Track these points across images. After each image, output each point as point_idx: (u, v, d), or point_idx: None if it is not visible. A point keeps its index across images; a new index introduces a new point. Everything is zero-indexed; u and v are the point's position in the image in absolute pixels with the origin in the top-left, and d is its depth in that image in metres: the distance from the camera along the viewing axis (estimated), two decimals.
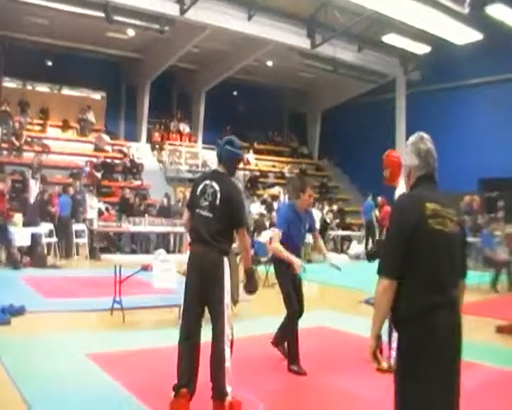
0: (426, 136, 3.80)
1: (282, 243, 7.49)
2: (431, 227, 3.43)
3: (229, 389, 5.67)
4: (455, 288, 3.55)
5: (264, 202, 26.29)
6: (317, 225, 24.74)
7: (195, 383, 5.73)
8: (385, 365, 7.01)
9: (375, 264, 3.63)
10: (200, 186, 5.92)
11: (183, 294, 5.90)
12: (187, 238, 8.65)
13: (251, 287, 6.29)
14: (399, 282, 3.43)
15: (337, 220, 27.12)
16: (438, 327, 3.38)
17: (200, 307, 5.83)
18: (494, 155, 25.63)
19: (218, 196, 5.78)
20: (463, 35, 23.78)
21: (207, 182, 5.91)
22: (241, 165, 23.60)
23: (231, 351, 5.83)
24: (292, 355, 7.43)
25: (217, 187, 5.82)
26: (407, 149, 3.80)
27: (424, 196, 3.57)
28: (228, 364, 5.70)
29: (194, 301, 5.80)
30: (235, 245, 6.58)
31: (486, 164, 25.38)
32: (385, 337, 7.26)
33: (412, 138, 3.82)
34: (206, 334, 5.80)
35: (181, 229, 21.05)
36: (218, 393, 5.67)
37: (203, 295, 5.77)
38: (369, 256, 7.49)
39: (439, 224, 3.46)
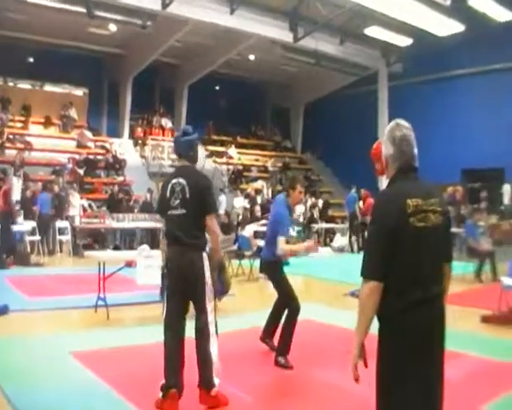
0: (402, 122, 3.65)
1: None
2: (413, 225, 3.34)
3: (216, 381, 5.73)
4: (437, 283, 3.47)
5: (247, 196, 26.29)
6: (301, 219, 24.91)
7: (183, 382, 5.73)
8: None
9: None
10: (169, 188, 5.90)
11: (165, 293, 5.95)
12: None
13: (222, 288, 6.17)
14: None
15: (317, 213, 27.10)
16: (420, 324, 3.33)
17: (182, 304, 5.85)
18: (477, 146, 25.78)
19: (187, 189, 5.77)
20: (445, 27, 23.84)
21: (174, 181, 5.88)
22: (224, 159, 23.60)
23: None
24: (283, 347, 7.40)
25: (184, 182, 5.80)
26: (384, 139, 3.66)
27: (404, 191, 3.44)
28: (214, 357, 5.75)
29: (176, 300, 5.82)
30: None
31: (469, 155, 25.51)
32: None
33: (389, 126, 3.68)
34: (189, 329, 5.80)
35: None
36: (205, 383, 5.72)
37: (185, 293, 5.80)
38: None
39: (421, 220, 3.36)
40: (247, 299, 10.48)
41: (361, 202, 23.68)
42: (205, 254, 5.82)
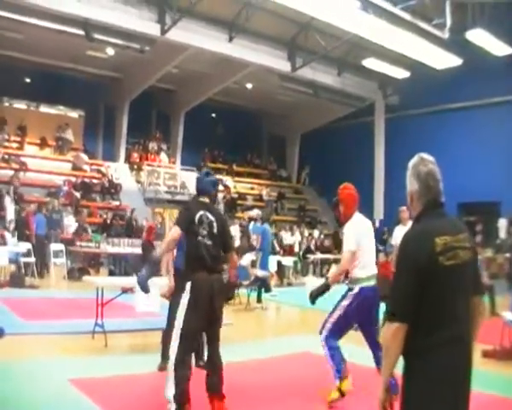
0: (427, 157, 3.58)
1: None
2: (442, 265, 3.26)
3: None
4: (467, 320, 3.39)
5: (240, 225, 26.12)
6: (296, 248, 24.80)
7: None
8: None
9: None
10: (197, 216, 6.21)
11: (187, 322, 5.99)
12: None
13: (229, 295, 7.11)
14: None
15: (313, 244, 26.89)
16: (448, 363, 3.25)
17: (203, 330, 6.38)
18: (473, 180, 25.83)
19: (215, 225, 6.23)
20: (443, 60, 23.92)
21: (202, 213, 6.24)
22: (220, 187, 23.46)
23: None
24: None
25: (212, 217, 6.26)
26: (408, 174, 3.60)
27: (432, 229, 3.37)
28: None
29: (202, 327, 6.22)
30: None
31: (465, 188, 25.45)
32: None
33: (412, 161, 3.60)
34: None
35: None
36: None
37: (208, 318, 6.12)
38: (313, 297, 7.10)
39: (451, 258, 3.28)
40: (244, 329, 10.33)
41: None
42: None
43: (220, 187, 30.72)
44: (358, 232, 6.89)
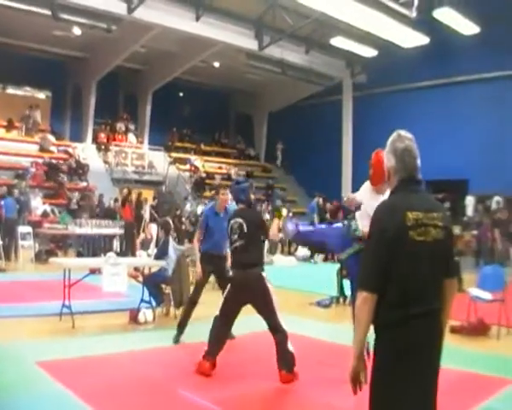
0: (404, 133, 3.61)
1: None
2: (412, 239, 3.30)
3: None
4: (436, 297, 3.42)
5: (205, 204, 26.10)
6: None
7: None
8: None
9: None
10: (230, 224, 7.26)
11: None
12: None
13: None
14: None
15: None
16: (414, 337, 3.30)
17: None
18: (441, 158, 25.91)
19: (245, 226, 7.09)
20: (410, 39, 24.00)
21: (233, 220, 7.24)
22: (187, 166, 23.34)
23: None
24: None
25: (241, 220, 7.14)
26: (385, 150, 3.63)
27: (404, 203, 3.39)
28: None
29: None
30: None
31: (433, 166, 25.48)
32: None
33: (390, 137, 3.63)
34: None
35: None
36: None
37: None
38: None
39: (421, 234, 3.32)
40: (213, 307, 10.26)
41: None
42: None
43: (187, 166, 30.70)
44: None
